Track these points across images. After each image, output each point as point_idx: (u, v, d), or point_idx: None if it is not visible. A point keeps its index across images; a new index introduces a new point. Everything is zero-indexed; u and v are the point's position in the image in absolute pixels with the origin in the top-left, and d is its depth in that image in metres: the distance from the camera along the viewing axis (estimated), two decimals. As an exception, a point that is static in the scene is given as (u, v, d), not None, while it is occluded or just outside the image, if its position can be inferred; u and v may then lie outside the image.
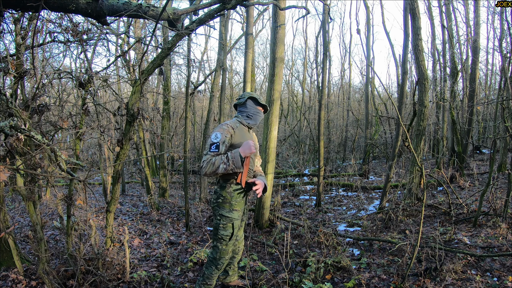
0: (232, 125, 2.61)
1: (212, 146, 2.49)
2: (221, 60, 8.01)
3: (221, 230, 2.62)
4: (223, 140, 2.51)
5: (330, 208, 6.82)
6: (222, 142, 2.50)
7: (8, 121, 2.06)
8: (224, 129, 2.54)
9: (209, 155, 2.47)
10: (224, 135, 2.52)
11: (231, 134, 2.56)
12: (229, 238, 2.64)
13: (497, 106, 9.48)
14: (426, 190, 7.22)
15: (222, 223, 2.62)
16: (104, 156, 6.56)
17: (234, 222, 2.62)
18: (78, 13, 2.23)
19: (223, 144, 2.51)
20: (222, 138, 2.51)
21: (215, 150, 2.47)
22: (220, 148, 2.48)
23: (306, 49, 19.08)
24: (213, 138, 2.51)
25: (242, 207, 2.68)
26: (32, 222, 2.90)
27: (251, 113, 2.72)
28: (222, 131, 2.53)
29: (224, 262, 2.71)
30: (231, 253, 2.74)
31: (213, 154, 2.47)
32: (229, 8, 2.74)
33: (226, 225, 2.62)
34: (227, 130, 2.55)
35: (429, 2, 11.09)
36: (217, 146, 2.48)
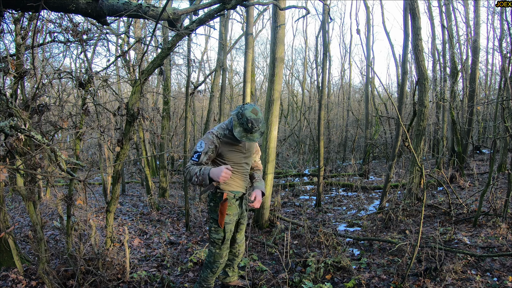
0: (217, 134, 2.50)
1: (194, 154, 2.46)
2: (221, 60, 8.01)
3: (213, 233, 2.61)
4: (205, 151, 2.45)
5: (330, 208, 6.82)
6: (204, 152, 2.44)
7: (8, 121, 2.06)
8: (210, 139, 2.47)
9: (189, 164, 2.46)
10: (208, 146, 2.46)
11: (215, 145, 2.48)
12: (221, 241, 2.61)
13: (497, 106, 9.47)
14: (426, 190, 7.23)
15: (213, 227, 2.60)
16: (104, 156, 6.56)
17: (225, 226, 2.58)
18: (78, 13, 2.23)
19: (206, 154, 2.45)
20: (205, 149, 2.45)
21: (195, 159, 2.44)
22: (200, 158, 2.43)
23: (306, 49, 19.10)
24: (198, 147, 2.48)
25: (235, 211, 2.63)
26: (32, 222, 2.90)
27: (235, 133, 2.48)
28: (207, 140, 2.47)
29: (219, 266, 2.68)
30: (226, 256, 2.70)
31: (193, 163, 2.44)
32: (229, 8, 2.74)
33: (217, 228, 2.60)
34: (212, 140, 2.47)
35: (429, 2, 11.10)
36: (198, 156, 2.44)
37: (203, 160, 2.44)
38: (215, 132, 2.51)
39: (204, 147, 2.44)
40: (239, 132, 2.41)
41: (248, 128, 2.38)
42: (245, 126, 2.39)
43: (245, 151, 2.64)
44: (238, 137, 2.40)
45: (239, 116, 2.41)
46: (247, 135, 2.42)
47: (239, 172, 2.64)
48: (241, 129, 2.41)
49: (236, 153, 2.58)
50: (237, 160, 2.60)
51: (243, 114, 2.39)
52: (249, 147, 2.68)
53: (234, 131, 2.41)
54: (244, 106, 2.45)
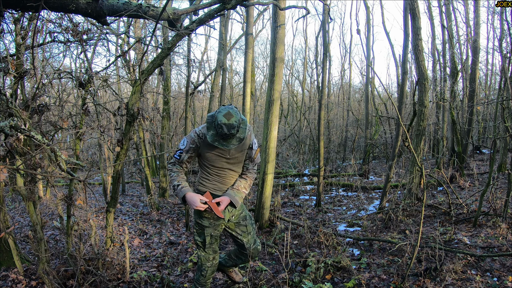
0: (199, 134, 2.38)
1: (177, 151, 2.43)
2: (221, 60, 8.01)
3: (195, 235, 2.59)
4: (187, 149, 2.40)
5: (330, 208, 6.82)
6: (186, 151, 2.40)
7: (8, 121, 2.06)
8: (191, 138, 2.39)
9: (172, 161, 2.47)
10: (189, 145, 2.39)
11: (197, 144, 2.39)
12: (203, 244, 2.56)
13: (497, 106, 9.47)
14: (426, 190, 7.23)
15: (195, 228, 2.57)
16: (104, 156, 6.55)
17: (205, 230, 2.51)
18: (78, 13, 2.23)
19: (187, 153, 2.41)
20: (187, 147, 2.40)
21: (177, 157, 2.43)
22: (182, 157, 2.41)
23: (306, 49, 19.10)
24: (181, 144, 2.43)
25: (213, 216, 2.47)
26: (32, 222, 2.90)
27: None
28: (189, 139, 2.40)
29: (207, 269, 2.61)
30: (214, 260, 2.63)
31: (175, 161, 2.45)
32: (229, 8, 2.74)
33: (199, 231, 2.55)
34: (194, 139, 2.38)
35: (429, 2, 11.10)
36: (180, 154, 2.41)
37: (184, 158, 2.42)
38: (198, 131, 2.40)
39: (186, 145, 2.40)
40: (211, 136, 2.26)
41: (219, 133, 2.21)
42: (217, 130, 2.23)
43: (228, 156, 2.43)
44: (210, 141, 2.26)
45: (212, 119, 2.26)
46: (219, 140, 2.25)
47: (219, 176, 2.49)
48: (214, 132, 2.25)
49: (217, 157, 2.42)
50: (218, 164, 2.44)
51: (215, 117, 2.22)
52: (235, 153, 2.45)
53: (207, 134, 2.26)
54: (220, 108, 2.28)
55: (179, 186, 2.37)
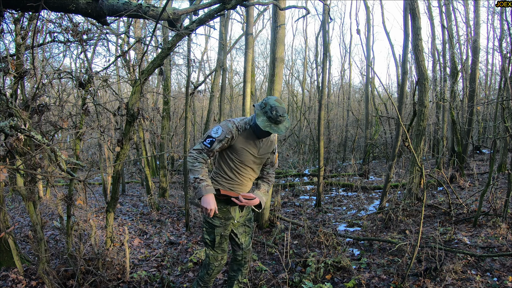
0: (238, 126, 2.32)
1: (208, 139, 2.28)
2: (221, 60, 8.01)
3: (204, 234, 2.48)
4: (221, 139, 2.27)
5: (330, 208, 6.82)
6: (219, 140, 2.26)
7: (8, 121, 2.06)
8: (228, 128, 2.28)
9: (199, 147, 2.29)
10: (225, 134, 2.27)
11: (233, 136, 2.29)
12: (212, 243, 2.45)
13: (497, 106, 9.47)
14: (426, 190, 7.23)
15: (205, 227, 2.47)
16: (104, 156, 6.55)
17: (215, 229, 2.41)
18: (78, 13, 2.23)
19: (220, 142, 2.27)
20: (221, 136, 2.26)
21: (207, 144, 2.26)
22: (213, 145, 2.26)
23: (306, 49, 19.11)
24: (213, 132, 2.29)
25: (226, 215, 2.42)
26: (32, 222, 2.90)
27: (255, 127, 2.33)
28: (225, 128, 2.28)
29: (214, 269, 2.51)
30: (222, 260, 2.51)
31: (203, 148, 2.27)
32: (229, 8, 2.74)
33: (209, 230, 2.45)
34: (231, 129, 2.28)
35: (429, 2, 11.10)
36: (211, 142, 2.26)
37: (216, 147, 2.27)
38: (237, 122, 2.33)
39: (221, 134, 2.26)
40: (262, 121, 2.21)
41: (272, 116, 2.20)
42: (269, 115, 2.22)
43: (257, 155, 2.42)
44: (262, 127, 2.19)
45: (263, 106, 2.26)
46: (271, 125, 2.21)
47: (240, 174, 2.42)
48: (265, 118, 2.22)
49: (247, 153, 2.37)
50: (245, 160, 2.39)
51: (266, 103, 2.25)
52: (263, 153, 2.46)
53: (257, 120, 2.21)
54: (268, 97, 2.33)
55: (203, 182, 2.22)
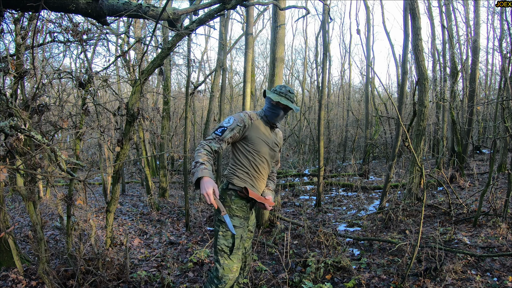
0: (251, 116, 2.31)
1: (219, 128, 2.23)
2: (221, 60, 8.01)
3: (221, 238, 2.20)
4: (232, 127, 2.21)
5: (330, 208, 6.82)
6: (231, 128, 2.21)
7: (8, 121, 2.06)
8: (240, 117, 2.25)
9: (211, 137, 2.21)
10: (237, 123, 2.22)
11: (245, 125, 2.25)
12: (230, 250, 2.19)
13: (497, 106, 9.48)
14: (426, 190, 7.23)
15: (221, 230, 2.21)
16: (104, 156, 6.55)
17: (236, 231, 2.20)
18: (78, 13, 2.23)
19: (231, 131, 2.21)
20: (233, 125, 2.21)
21: (218, 133, 2.20)
22: (224, 134, 2.19)
23: (306, 49, 19.11)
24: (225, 122, 2.25)
25: (245, 215, 2.27)
26: (32, 222, 2.90)
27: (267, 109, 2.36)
28: (237, 117, 2.25)
29: (227, 282, 2.18)
30: (236, 272, 2.21)
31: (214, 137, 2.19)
32: (229, 8, 2.74)
33: (226, 233, 2.20)
34: (243, 118, 2.25)
35: (429, 2, 11.10)
36: (222, 131, 2.20)
37: (227, 136, 2.20)
38: (249, 112, 2.33)
39: (232, 123, 2.22)
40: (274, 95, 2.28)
41: (282, 91, 2.30)
42: (278, 91, 2.32)
43: (271, 146, 2.38)
44: (273, 98, 2.24)
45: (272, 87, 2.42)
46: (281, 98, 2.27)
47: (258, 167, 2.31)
48: (275, 95, 2.29)
49: (263, 143, 2.31)
50: (262, 151, 2.31)
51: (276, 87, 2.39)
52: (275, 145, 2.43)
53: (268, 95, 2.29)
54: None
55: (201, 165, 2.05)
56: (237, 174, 2.29)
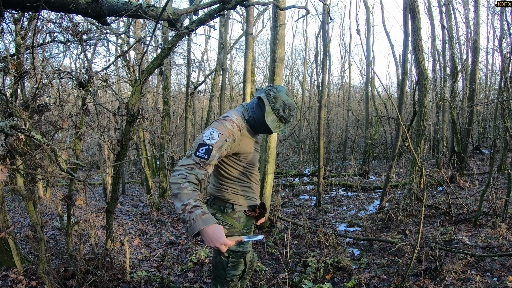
0: (240, 125, 1.78)
1: (201, 148, 1.63)
2: (221, 60, 8.01)
3: (231, 270, 1.89)
4: (220, 145, 1.67)
5: (330, 208, 6.82)
6: (218, 147, 1.66)
7: (8, 121, 2.06)
8: (227, 129, 1.71)
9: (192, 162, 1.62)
10: (225, 138, 1.69)
11: (234, 139, 1.74)
12: (239, 277, 1.93)
13: (497, 106, 9.48)
14: (426, 190, 7.23)
15: (231, 262, 1.88)
16: (104, 156, 6.55)
17: (246, 256, 1.91)
18: (78, 13, 2.23)
19: (219, 150, 1.67)
20: (220, 141, 1.67)
21: (202, 155, 1.62)
22: (211, 156, 1.64)
23: (306, 49, 19.12)
24: (206, 136, 1.66)
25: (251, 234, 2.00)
26: (32, 222, 2.90)
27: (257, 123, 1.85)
28: (223, 130, 1.69)
29: None
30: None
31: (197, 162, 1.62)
32: (229, 8, 2.74)
33: (237, 262, 1.89)
34: (231, 131, 1.72)
35: (429, 2, 11.10)
36: (208, 151, 1.63)
37: (214, 158, 1.66)
38: (235, 119, 1.77)
39: (218, 139, 1.66)
40: (273, 121, 1.76)
41: (285, 116, 1.78)
42: (281, 114, 1.77)
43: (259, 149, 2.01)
44: (272, 128, 1.75)
45: (272, 101, 1.76)
46: (280, 126, 1.80)
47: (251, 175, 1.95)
48: (275, 117, 1.77)
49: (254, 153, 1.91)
50: (254, 160, 1.93)
51: (277, 98, 1.76)
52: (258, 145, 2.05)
53: (267, 119, 1.74)
54: (276, 87, 1.81)
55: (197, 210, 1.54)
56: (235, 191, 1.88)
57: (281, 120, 1.79)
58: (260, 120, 1.82)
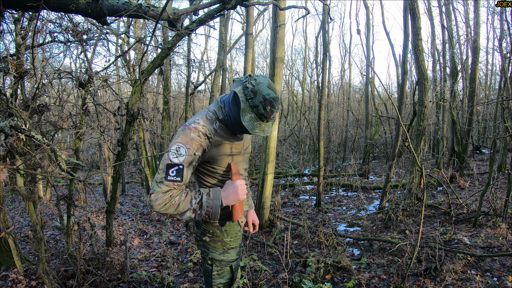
0: (206, 132, 1.56)
1: (171, 170, 1.47)
2: (221, 60, 8.01)
3: (217, 278, 1.81)
4: (189, 160, 1.51)
5: (330, 208, 6.82)
6: (188, 162, 1.50)
7: (8, 121, 2.06)
8: (195, 141, 1.51)
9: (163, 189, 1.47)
10: (193, 151, 1.51)
11: (204, 149, 1.56)
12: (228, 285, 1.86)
13: (497, 106, 9.48)
14: (426, 190, 7.22)
15: (215, 270, 1.80)
16: (104, 156, 6.55)
17: (232, 264, 1.82)
18: (78, 13, 2.23)
19: (189, 166, 1.52)
20: (189, 157, 1.50)
21: (174, 179, 1.48)
22: (184, 175, 1.50)
23: (306, 49, 19.12)
24: (172, 155, 1.48)
25: (239, 241, 1.86)
26: (32, 222, 2.90)
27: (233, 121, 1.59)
28: (189, 143, 1.50)
29: None
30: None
31: (171, 186, 1.48)
32: (229, 8, 2.74)
33: (222, 270, 1.81)
34: (199, 142, 1.53)
35: (429, 2, 11.10)
36: (178, 171, 1.48)
37: (188, 176, 1.53)
38: (201, 127, 1.55)
39: (186, 156, 1.49)
40: (250, 121, 1.50)
41: (265, 113, 1.50)
42: (261, 111, 1.49)
43: (243, 151, 1.78)
44: (250, 129, 1.50)
45: (250, 95, 1.50)
46: (260, 125, 1.53)
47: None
48: (253, 115, 1.51)
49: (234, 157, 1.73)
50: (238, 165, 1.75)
51: (256, 91, 1.49)
52: (248, 144, 1.83)
53: (243, 119, 1.50)
54: (255, 79, 1.53)
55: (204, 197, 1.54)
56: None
57: (261, 119, 1.51)
58: (237, 118, 1.56)
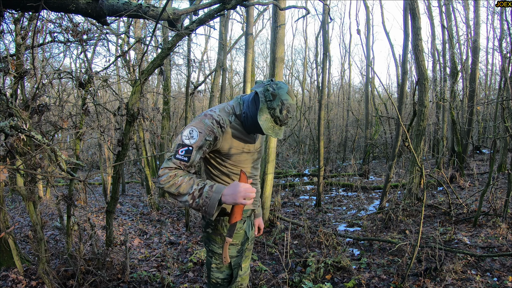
0: (220, 121, 1.62)
1: (181, 149, 1.55)
2: (221, 60, 8.01)
3: (215, 272, 1.83)
4: (200, 144, 1.57)
5: (330, 208, 6.82)
6: (198, 146, 1.56)
7: (8, 121, 2.06)
8: (207, 126, 1.58)
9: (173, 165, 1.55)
10: (205, 136, 1.57)
11: (215, 137, 1.60)
12: (227, 282, 1.85)
13: (497, 106, 9.48)
14: (426, 190, 7.22)
15: (214, 263, 1.82)
16: (104, 156, 6.55)
17: (232, 261, 1.81)
18: (78, 13, 2.23)
19: (199, 150, 1.57)
20: (200, 141, 1.56)
21: (182, 158, 1.54)
22: (192, 157, 1.55)
23: (306, 49, 19.10)
24: (185, 137, 1.56)
25: (242, 239, 1.85)
26: (32, 222, 2.90)
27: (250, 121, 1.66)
28: (202, 127, 1.58)
29: None
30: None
31: (178, 164, 1.54)
32: (229, 8, 2.74)
33: (220, 264, 1.82)
34: (211, 128, 1.59)
35: (429, 2, 11.09)
36: (187, 152, 1.54)
37: (196, 159, 1.58)
38: (216, 115, 1.62)
39: (198, 138, 1.55)
40: (266, 121, 1.56)
41: (281, 117, 1.56)
42: (277, 114, 1.55)
43: (254, 151, 1.79)
44: (264, 129, 1.55)
45: (269, 98, 1.56)
46: (274, 128, 1.59)
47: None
48: (269, 117, 1.56)
49: (244, 154, 1.74)
50: (241, 161, 1.76)
51: (276, 95, 1.55)
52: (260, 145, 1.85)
53: (259, 118, 1.55)
54: (277, 83, 1.59)
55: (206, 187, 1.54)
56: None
57: (276, 121, 1.58)
58: (253, 117, 1.63)
